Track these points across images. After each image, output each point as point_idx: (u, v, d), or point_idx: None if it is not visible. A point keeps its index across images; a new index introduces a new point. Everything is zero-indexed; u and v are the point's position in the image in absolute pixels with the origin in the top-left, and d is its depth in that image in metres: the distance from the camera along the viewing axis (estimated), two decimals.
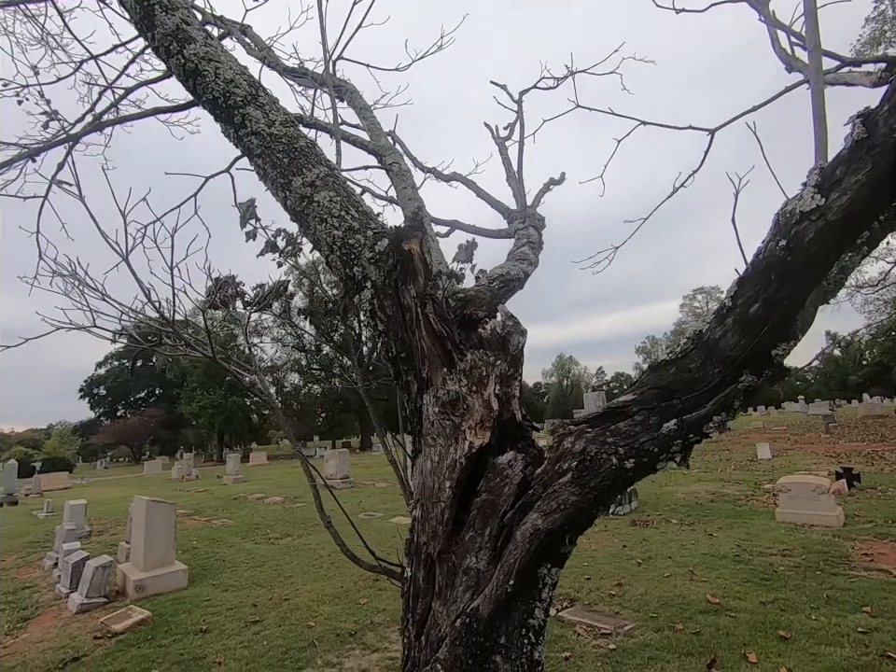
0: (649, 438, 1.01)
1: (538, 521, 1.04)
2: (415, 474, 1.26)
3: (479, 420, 1.15)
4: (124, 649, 4.99)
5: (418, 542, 1.20)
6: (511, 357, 1.24)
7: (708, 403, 0.98)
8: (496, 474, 1.13)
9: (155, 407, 51.39)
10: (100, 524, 12.79)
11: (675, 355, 1.04)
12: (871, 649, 3.92)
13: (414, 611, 1.18)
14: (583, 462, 1.03)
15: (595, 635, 4.56)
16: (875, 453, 14.95)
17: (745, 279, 0.93)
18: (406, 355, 1.28)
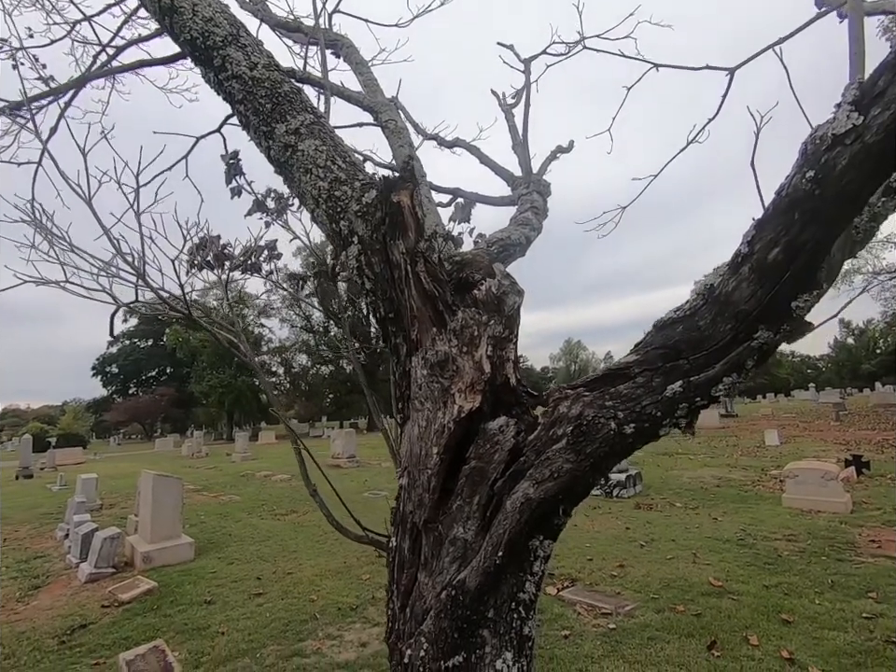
0: (651, 401, 0.93)
1: (529, 490, 0.98)
2: (403, 441, 1.20)
3: (469, 383, 1.08)
4: (130, 617, 5.08)
5: (404, 511, 1.14)
6: (507, 319, 1.16)
7: (718, 363, 0.89)
8: (486, 440, 1.06)
9: (166, 386, 52.08)
10: (111, 497, 13.05)
11: (682, 312, 0.95)
12: (875, 634, 3.87)
13: (399, 582, 1.13)
14: (579, 427, 0.96)
15: (596, 614, 4.56)
16: (885, 441, 14.76)
17: (764, 221, 0.84)
18: (395, 315, 1.20)
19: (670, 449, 16.54)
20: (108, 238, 1.40)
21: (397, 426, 1.28)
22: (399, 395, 1.23)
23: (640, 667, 3.63)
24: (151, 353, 56.18)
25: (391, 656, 1.14)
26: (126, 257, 1.45)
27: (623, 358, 1.01)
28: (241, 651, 4.20)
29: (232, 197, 1.64)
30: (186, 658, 4.19)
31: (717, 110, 1.94)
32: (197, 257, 1.68)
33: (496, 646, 1.04)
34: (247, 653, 4.16)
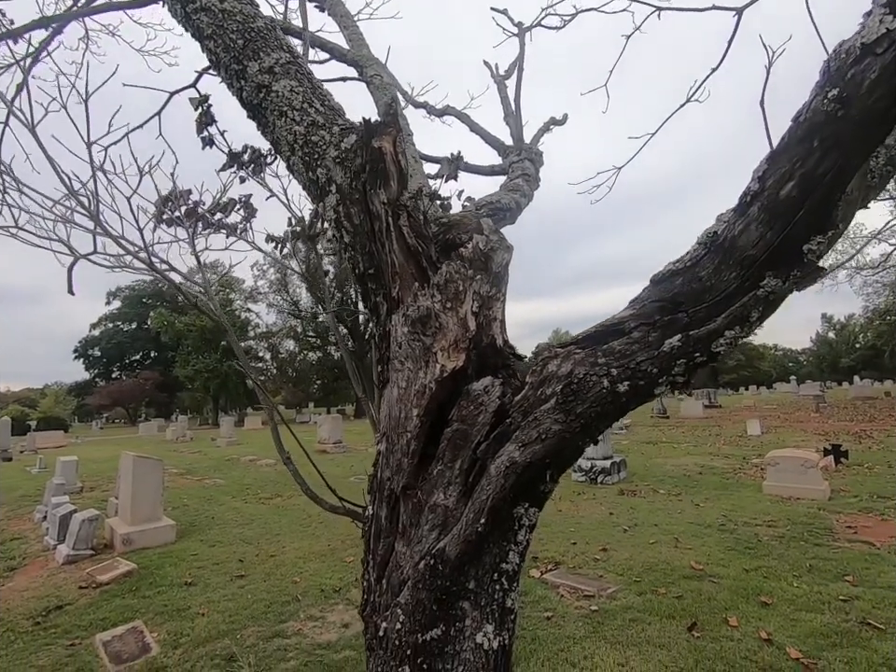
0: (647, 357, 0.87)
1: (514, 453, 0.91)
2: (382, 406, 1.13)
3: (452, 341, 1.01)
4: (108, 599, 4.99)
5: (381, 478, 1.07)
6: (495, 276, 1.09)
7: (720, 316, 0.83)
8: (469, 401, 0.99)
9: (150, 370, 51.34)
10: (92, 480, 12.86)
11: (682, 264, 0.89)
12: (851, 616, 3.94)
13: (375, 552, 1.07)
14: (569, 385, 0.89)
15: (578, 596, 4.58)
16: (863, 432, 15.08)
17: (778, 153, 0.77)
18: (375, 271, 1.12)
19: (654, 438, 16.75)
20: (56, 172, 1.29)
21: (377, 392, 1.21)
22: (379, 357, 1.16)
23: (622, 648, 3.65)
24: (135, 336, 55.28)
25: (366, 630, 1.08)
26: (81, 199, 1.34)
27: (617, 314, 0.95)
28: (221, 633, 4.15)
29: (204, 147, 1.53)
30: (164, 639, 4.12)
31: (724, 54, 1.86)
32: (165, 210, 1.57)
33: (476, 619, 0.98)
34: (227, 634, 4.11)
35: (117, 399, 48.50)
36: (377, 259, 1.11)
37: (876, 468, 9.81)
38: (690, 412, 24.58)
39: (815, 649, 3.51)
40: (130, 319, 56.10)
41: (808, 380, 50.46)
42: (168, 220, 1.59)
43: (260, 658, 3.74)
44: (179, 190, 1.59)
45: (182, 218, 1.57)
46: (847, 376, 57.12)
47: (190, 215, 1.59)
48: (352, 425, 29.81)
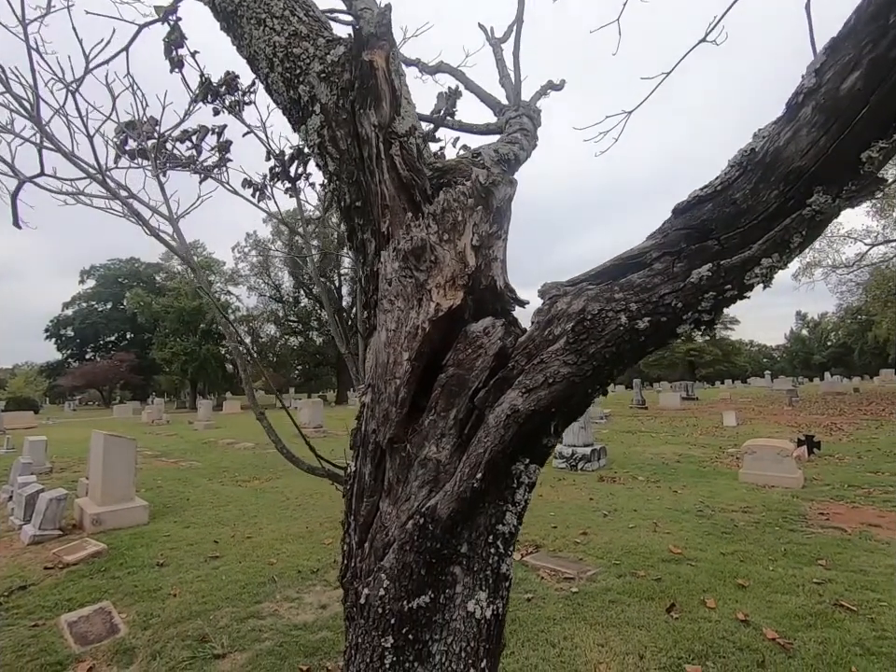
0: (671, 290, 0.77)
1: (517, 400, 0.82)
2: (368, 355, 1.02)
3: (449, 277, 0.90)
4: (75, 579, 4.81)
5: (366, 431, 0.97)
6: (496, 212, 0.98)
7: (757, 242, 0.74)
8: (467, 344, 0.89)
9: (126, 351, 50.04)
10: (62, 461, 12.51)
11: (711, 189, 0.79)
12: (825, 598, 4.00)
13: (357, 513, 0.97)
14: (582, 323, 0.80)
15: (559, 578, 4.57)
16: (833, 425, 15.51)
17: (840, 39, 0.67)
18: (362, 204, 1.00)
19: (633, 427, 16.97)
20: None
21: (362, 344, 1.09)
22: (365, 302, 1.04)
23: (602, 629, 3.64)
24: (110, 317, 53.77)
25: (345, 597, 0.98)
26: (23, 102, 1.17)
27: (636, 246, 0.85)
28: (193, 613, 4.03)
29: (172, 70, 1.38)
30: (133, 620, 3.98)
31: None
32: (129, 134, 1.42)
33: (468, 585, 0.89)
34: (200, 615, 3.99)
35: (90, 381, 47.24)
36: (365, 190, 0.99)
37: (847, 458, 10.08)
38: (668, 403, 25.01)
39: (790, 629, 3.54)
40: (105, 299, 54.51)
41: (781, 375, 51.81)
42: (131, 152, 1.43)
43: (234, 639, 3.63)
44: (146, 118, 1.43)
45: (147, 150, 1.41)
46: (819, 373, 58.81)
47: (156, 145, 1.43)
48: (333, 411, 29.61)
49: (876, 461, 9.68)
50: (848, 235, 28.61)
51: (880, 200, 25.47)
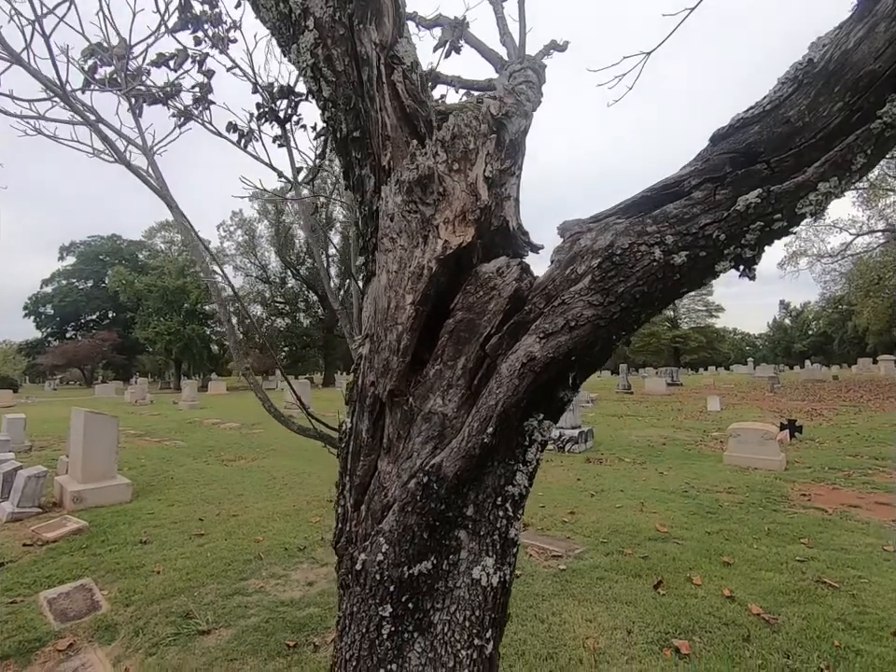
0: (713, 220, 0.69)
1: (534, 347, 0.74)
2: (366, 303, 0.93)
3: (459, 211, 0.81)
4: (55, 556, 4.71)
5: (363, 385, 0.88)
6: (509, 145, 0.88)
7: (813, 164, 0.66)
8: (478, 286, 0.80)
9: (108, 330, 49.02)
10: (42, 440, 12.27)
11: (760, 108, 0.71)
12: (807, 575, 4.07)
13: (353, 474, 0.89)
14: (610, 258, 0.72)
15: (547, 556, 4.58)
16: (814, 410, 15.83)
17: None
18: (361, 134, 0.90)
19: (619, 411, 17.14)
20: None
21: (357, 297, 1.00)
22: (363, 246, 0.95)
23: (589, 605, 3.66)
24: (91, 295, 52.53)
25: (339, 564, 0.90)
26: None
27: (672, 175, 0.77)
28: (177, 590, 3.96)
29: None
30: (115, 596, 3.91)
31: None
32: (98, 63, 1.28)
33: (474, 550, 0.82)
34: (184, 592, 3.93)
35: (71, 360, 46.29)
36: (364, 118, 0.89)
37: (827, 442, 10.29)
38: (653, 388, 25.31)
39: (774, 605, 3.59)
40: (85, 277, 53.18)
41: (763, 363, 52.68)
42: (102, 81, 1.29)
43: (219, 615, 3.58)
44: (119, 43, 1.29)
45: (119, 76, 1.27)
46: (799, 361, 59.97)
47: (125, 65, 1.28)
48: (320, 392, 29.45)
49: (855, 445, 9.90)
50: (834, 225, 28.91)
51: (866, 190, 25.71)
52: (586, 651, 3.09)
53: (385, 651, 0.82)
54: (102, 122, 1.21)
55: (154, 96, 1.37)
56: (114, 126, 1.27)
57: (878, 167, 25.47)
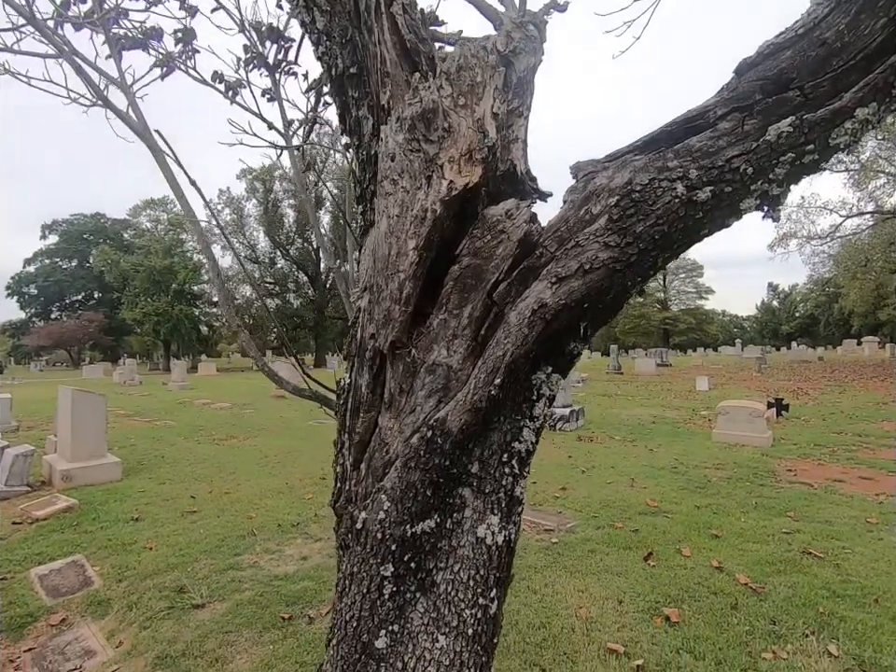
0: (741, 152, 0.65)
1: (545, 293, 0.70)
2: (364, 255, 0.88)
3: (465, 150, 0.76)
4: (45, 534, 4.67)
5: (362, 338, 0.84)
6: (517, 83, 0.83)
7: (852, 89, 0.62)
8: (486, 229, 0.76)
9: (94, 311, 48.23)
10: (30, 420, 12.12)
11: (793, 33, 0.66)
12: (793, 546, 4.16)
13: (352, 431, 0.85)
14: (629, 196, 0.67)
15: (539, 530, 4.63)
16: (800, 390, 16.11)
17: None
18: (358, 71, 0.84)
19: (610, 391, 17.31)
20: None
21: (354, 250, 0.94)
22: (360, 194, 0.89)
23: (581, 576, 3.71)
24: (76, 275, 51.56)
25: (339, 524, 0.87)
26: None
27: (695, 107, 0.72)
28: (170, 566, 3.95)
29: None
30: (108, 572, 3.89)
31: None
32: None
33: (479, 509, 0.79)
34: (177, 567, 3.92)
35: (57, 341, 45.61)
36: (361, 53, 0.83)
37: (812, 420, 10.49)
38: (643, 369, 25.57)
39: (761, 575, 3.67)
40: (69, 256, 52.11)
41: (751, 344, 53.34)
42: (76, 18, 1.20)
43: (213, 590, 3.58)
44: None
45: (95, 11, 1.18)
46: (786, 342, 60.77)
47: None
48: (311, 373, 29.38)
49: (840, 423, 10.10)
50: (825, 206, 28.99)
51: (857, 171, 25.75)
52: (578, 620, 3.13)
53: (387, 611, 0.79)
54: (77, 55, 1.12)
55: (133, 40, 1.28)
56: (90, 60, 1.18)
57: (870, 148, 25.48)
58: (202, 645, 2.94)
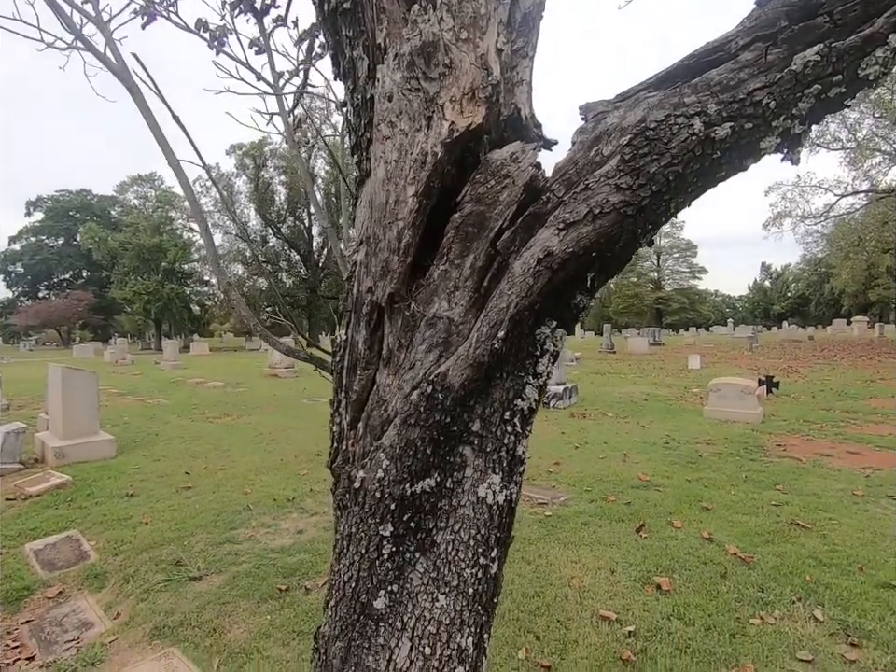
0: (763, 84, 0.61)
1: (551, 240, 0.66)
2: (359, 209, 0.83)
3: (467, 88, 0.71)
4: (39, 510, 4.67)
5: (359, 292, 0.80)
6: (522, 19, 0.78)
7: (885, 13, 0.58)
8: (489, 174, 0.72)
9: (83, 290, 47.55)
10: (21, 399, 12.05)
11: None
12: (782, 518, 4.24)
13: (349, 389, 0.82)
14: (643, 134, 0.63)
15: (533, 504, 4.69)
16: (790, 368, 16.30)
17: None
18: (351, 6, 0.78)
19: (602, 370, 17.43)
20: None
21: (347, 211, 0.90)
22: (355, 143, 0.84)
23: (574, 547, 3.77)
24: (63, 253, 50.67)
25: (335, 484, 0.85)
26: None
27: (715, 38, 0.68)
28: (166, 539, 3.97)
29: None
30: (104, 547, 3.90)
31: None
32: None
33: (479, 468, 0.77)
34: (174, 541, 3.93)
35: (46, 320, 45.04)
36: None
37: (802, 397, 10.63)
38: (636, 348, 25.73)
39: (750, 545, 3.75)
40: (56, 234, 51.11)
41: (743, 324, 53.76)
42: None
43: (210, 562, 3.60)
44: None
45: None
46: (777, 322, 61.36)
47: None
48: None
49: (829, 400, 10.25)
50: (819, 185, 28.90)
51: (854, 149, 25.59)
52: (571, 590, 3.19)
53: (386, 571, 0.78)
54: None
55: None
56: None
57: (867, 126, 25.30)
58: (199, 616, 2.97)
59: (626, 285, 61.24)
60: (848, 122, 24.70)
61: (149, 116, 1.14)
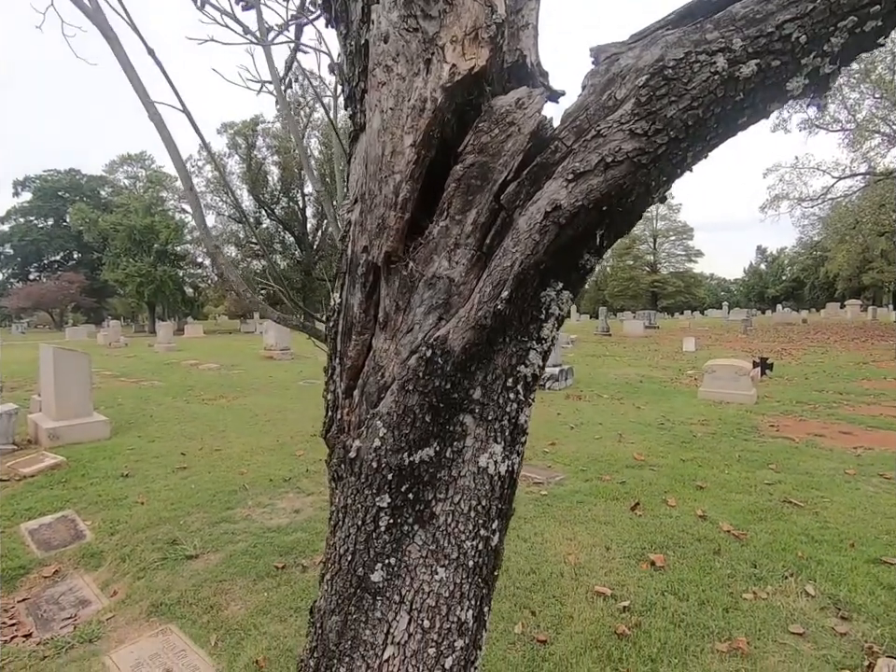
0: (794, 16, 0.56)
1: (559, 193, 0.62)
2: (354, 165, 0.78)
3: (469, 28, 0.66)
4: (34, 490, 4.65)
5: (353, 253, 0.76)
6: None
7: None
8: (493, 122, 0.67)
9: (75, 272, 46.92)
10: (13, 381, 11.96)
11: None
12: (774, 496, 4.28)
13: (344, 355, 0.78)
14: (661, 73, 0.59)
15: (529, 483, 4.71)
16: (783, 350, 16.41)
17: None
18: None
19: (598, 352, 17.48)
20: None
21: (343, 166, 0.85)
22: (349, 93, 0.79)
23: (570, 525, 3.79)
24: (53, 234, 49.85)
25: (330, 455, 0.82)
26: None
27: None
28: (162, 519, 3.96)
29: None
30: (99, 526, 3.90)
31: None
32: None
33: (480, 437, 0.74)
34: (170, 521, 3.93)
35: (37, 303, 44.53)
36: None
37: (795, 379, 10.72)
38: (631, 331, 25.79)
39: (743, 522, 3.78)
40: (45, 215, 50.22)
41: (737, 307, 53.90)
42: None
43: (206, 541, 3.60)
44: None
45: None
46: (771, 305, 61.51)
47: None
48: (300, 334, 29.22)
49: (821, 381, 10.33)
50: (818, 167, 28.70)
51: (853, 131, 25.36)
52: (567, 566, 3.22)
53: (383, 544, 0.75)
54: None
55: None
56: None
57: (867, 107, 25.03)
58: (196, 593, 2.97)
59: (622, 268, 61.16)
60: (848, 103, 24.45)
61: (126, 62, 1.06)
